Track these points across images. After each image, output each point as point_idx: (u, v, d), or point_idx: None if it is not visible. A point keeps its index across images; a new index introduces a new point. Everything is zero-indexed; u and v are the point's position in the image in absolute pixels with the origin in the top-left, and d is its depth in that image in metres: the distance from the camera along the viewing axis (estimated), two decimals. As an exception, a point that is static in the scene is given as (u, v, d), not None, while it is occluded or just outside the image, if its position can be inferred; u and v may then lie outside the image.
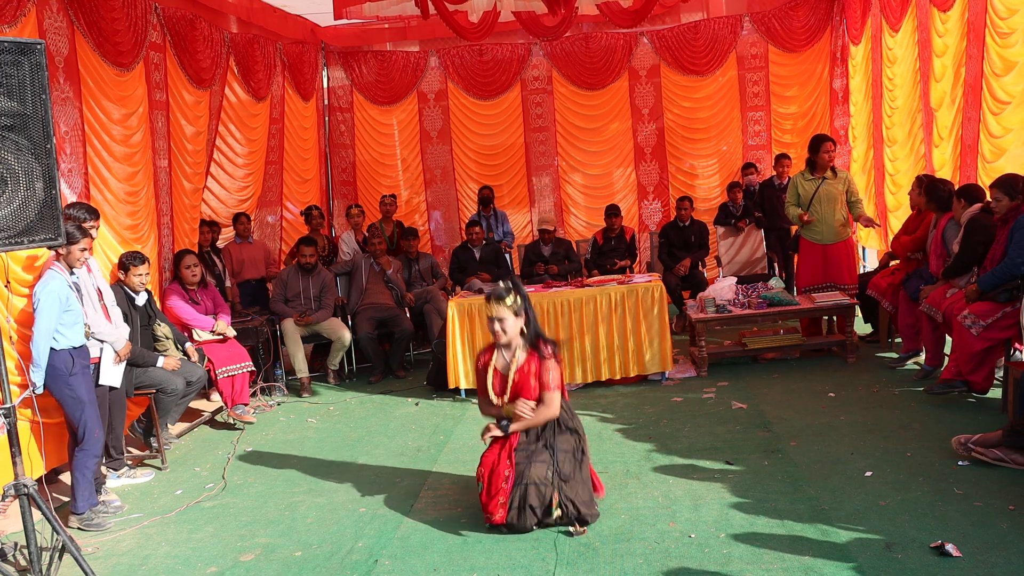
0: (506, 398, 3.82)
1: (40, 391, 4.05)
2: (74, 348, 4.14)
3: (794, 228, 7.63)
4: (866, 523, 3.47)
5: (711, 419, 5.15)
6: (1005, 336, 4.70)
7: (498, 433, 3.80)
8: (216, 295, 6.37)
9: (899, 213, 7.19)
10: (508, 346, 3.85)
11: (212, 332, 6.03)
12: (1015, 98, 5.26)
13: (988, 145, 5.60)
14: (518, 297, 3.79)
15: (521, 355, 3.82)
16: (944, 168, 6.29)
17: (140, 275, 5.15)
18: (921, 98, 6.79)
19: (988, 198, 5.01)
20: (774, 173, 8.31)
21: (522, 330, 3.83)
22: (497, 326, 3.79)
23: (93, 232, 4.53)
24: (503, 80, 9.43)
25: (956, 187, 5.59)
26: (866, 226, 6.63)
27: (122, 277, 5.16)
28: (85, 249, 4.24)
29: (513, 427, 3.79)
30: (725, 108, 9.27)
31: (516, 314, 3.78)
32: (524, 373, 3.79)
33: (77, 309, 4.16)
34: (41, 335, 4.00)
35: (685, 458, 4.48)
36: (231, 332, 6.13)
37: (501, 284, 3.82)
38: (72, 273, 4.23)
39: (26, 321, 4.29)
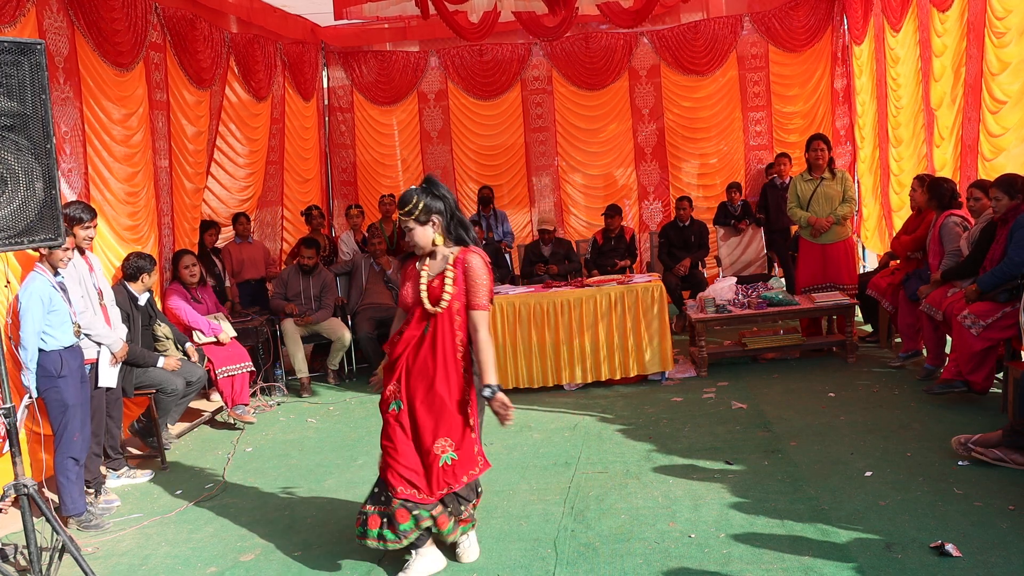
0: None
1: (36, 395, 4.05)
2: (64, 348, 4.12)
3: (794, 228, 7.64)
4: (866, 523, 3.46)
5: (711, 419, 5.15)
6: (1005, 336, 4.69)
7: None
8: (212, 296, 6.41)
9: (902, 213, 7.18)
10: (432, 255, 3.38)
11: (216, 338, 6.01)
12: (1011, 97, 5.26)
13: (987, 144, 5.60)
14: (422, 203, 3.27)
15: (450, 257, 3.36)
16: (945, 168, 6.29)
17: (153, 278, 5.19)
18: (923, 98, 6.79)
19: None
20: (775, 173, 8.32)
21: (446, 233, 3.34)
22: (408, 236, 3.35)
23: (82, 231, 4.46)
24: (503, 80, 9.43)
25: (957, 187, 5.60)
26: (833, 224, 6.55)
27: (134, 283, 5.16)
28: (68, 248, 4.15)
29: (495, 381, 3.32)
30: (726, 108, 9.26)
31: (421, 222, 3.29)
32: (457, 277, 3.32)
33: (63, 309, 4.11)
34: (28, 338, 4.00)
35: (685, 458, 4.48)
36: (232, 332, 6.14)
37: (412, 187, 3.34)
38: (57, 274, 4.18)
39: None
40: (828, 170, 6.55)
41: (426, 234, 3.32)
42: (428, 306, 3.32)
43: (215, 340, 5.98)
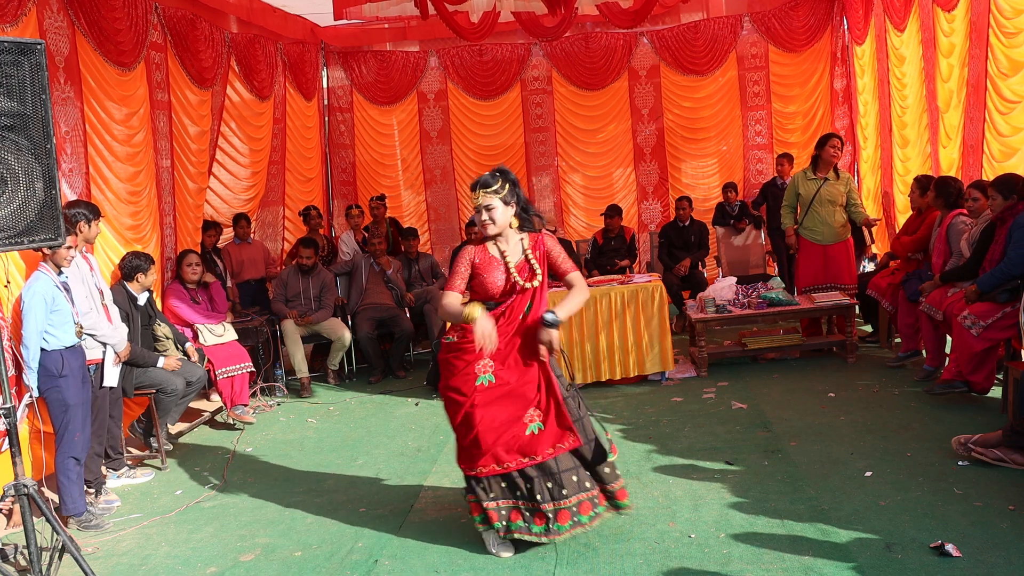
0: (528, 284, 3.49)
1: (37, 394, 4.05)
2: (65, 348, 4.11)
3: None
4: (866, 523, 3.47)
5: (711, 419, 5.15)
6: (1005, 336, 4.69)
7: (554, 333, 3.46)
8: (217, 293, 6.41)
9: (907, 213, 7.17)
10: (500, 236, 3.53)
11: (227, 321, 6.08)
12: (1023, 98, 5.25)
13: (997, 144, 5.57)
14: (507, 183, 3.45)
15: (524, 241, 3.54)
16: (952, 169, 6.28)
17: (150, 278, 5.19)
18: (927, 98, 6.79)
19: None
20: (776, 173, 8.32)
21: (517, 217, 3.52)
22: (485, 215, 3.46)
23: (84, 229, 4.46)
24: (503, 80, 9.43)
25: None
26: (869, 226, 6.69)
27: (131, 283, 5.16)
28: (71, 247, 4.15)
29: (562, 316, 3.48)
30: (725, 108, 9.27)
31: (506, 202, 3.46)
32: (540, 259, 3.53)
33: (65, 309, 4.11)
34: (30, 337, 4.00)
35: (685, 458, 4.48)
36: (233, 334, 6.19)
37: (487, 173, 3.50)
38: (60, 273, 4.18)
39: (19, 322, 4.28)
40: (833, 171, 6.54)
41: (507, 214, 3.48)
42: (524, 284, 3.49)
43: (227, 321, 6.10)
